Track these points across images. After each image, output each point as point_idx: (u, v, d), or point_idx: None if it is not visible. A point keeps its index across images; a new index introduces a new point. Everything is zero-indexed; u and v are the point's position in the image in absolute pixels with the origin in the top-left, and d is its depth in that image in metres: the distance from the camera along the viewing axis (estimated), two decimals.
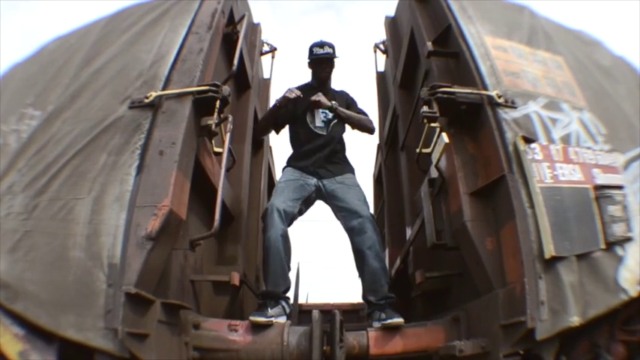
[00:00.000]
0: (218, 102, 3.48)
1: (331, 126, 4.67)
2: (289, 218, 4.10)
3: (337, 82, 4.71)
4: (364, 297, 4.02)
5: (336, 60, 4.81)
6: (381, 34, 7.23)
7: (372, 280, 3.97)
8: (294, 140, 4.79)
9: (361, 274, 4.08)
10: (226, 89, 3.53)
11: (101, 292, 2.69)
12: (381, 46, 7.15)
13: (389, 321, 3.55)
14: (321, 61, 4.75)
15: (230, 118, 3.67)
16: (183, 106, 3.38)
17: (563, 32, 4.76)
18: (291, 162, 4.64)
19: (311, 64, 4.83)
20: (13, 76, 4.18)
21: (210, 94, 3.45)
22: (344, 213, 4.28)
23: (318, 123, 4.66)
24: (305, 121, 4.66)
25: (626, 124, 3.90)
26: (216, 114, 3.48)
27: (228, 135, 3.67)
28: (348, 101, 4.92)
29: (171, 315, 3.12)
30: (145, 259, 2.79)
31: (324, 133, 4.63)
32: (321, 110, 4.67)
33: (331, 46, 4.77)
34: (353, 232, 4.15)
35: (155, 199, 2.95)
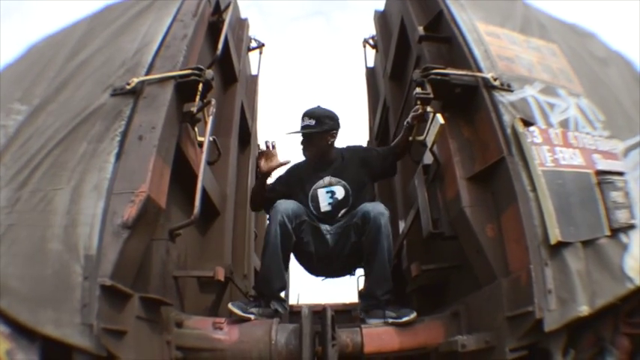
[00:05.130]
0: (200, 85, 3.32)
1: (341, 205, 3.98)
2: (296, 217, 3.66)
3: (326, 85, 4.27)
4: (369, 290, 3.63)
5: (325, 131, 3.98)
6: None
7: (382, 273, 3.59)
8: None
9: (370, 266, 3.69)
10: (209, 73, 3.36)
11: (78, 286, 2.48)
12: (371, 41, 7.07)
13: (405, 319, 3.27)
14: (302, 137, 4.02)
15: (213, 102, 3.50)
16: (164, 90, 3.23)
17: (556, 23, 4.65)
18: None
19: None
20: (3, 76, 4.04)
21: (193, 77, 3.30)
22: (354, 216, 3.75)
23: (324, 207, 3.98)
24: (308, 205, 3.97)
25: (623, 113, 3.75)
26: (198, 98, 3.33)
27: (210, 118, 3.50)
28: (364, 156, 4.18)
29: (151, 311, 2.89)
30: (121, 249, 2.59)
31: (336, 217, 3.96)
32: (327, 188, 4.00)
33: (313, 116, 3.96)
34: (364, 224, 3.63)
35: (132, 186, 2.76)
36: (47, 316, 2.44)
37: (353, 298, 8.75)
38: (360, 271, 9.24)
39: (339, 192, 4.00)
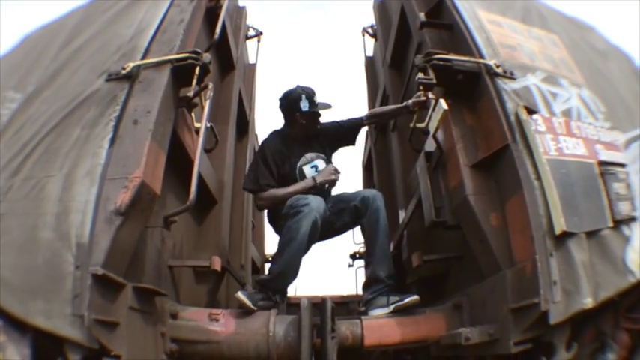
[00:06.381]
0: (198, 69, 3.20)
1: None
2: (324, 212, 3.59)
3: (324, 76, 4.23)
4: (373, 273, 3.59)
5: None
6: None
7: (384, 253, 3.61)
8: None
9: (371, 249, 3.70)
10: (207, 56, 3.25)
11: (69, 275, 2.39)
12: (370, 31, 7.01)
13: (407, 300, 3.21)
14: (318, 115, 4.07)
15: (210, 86, 3.36)
16: (160, 74, 3.13)
17: (556, 15, 4.55)
18: None
19: (304, 116, 4.01)
20: None
21: (190, 61, 3.18)
22: (351, 200, 3.81)
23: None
24: (296, 180, 3.97)
25: (623, 104, 3.67)
26: (195, 82, 3.21)
27: (207, 103, 3.35)
28: (334, 127, 4.29)
29: (145, 302, 2.77)
30: (114, 237, 2.48)
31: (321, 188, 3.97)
32: (310, 165, 4.05)
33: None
34: (364, 207, 3.72)
35: (126, 171, 2.64)
36: (38, 307, 2.34)
37: (350, 290, 8.69)
38: (358, 263, 9.12)
39: (320, 164, 4.09)
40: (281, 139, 4.06)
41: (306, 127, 4.06)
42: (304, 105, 3.97)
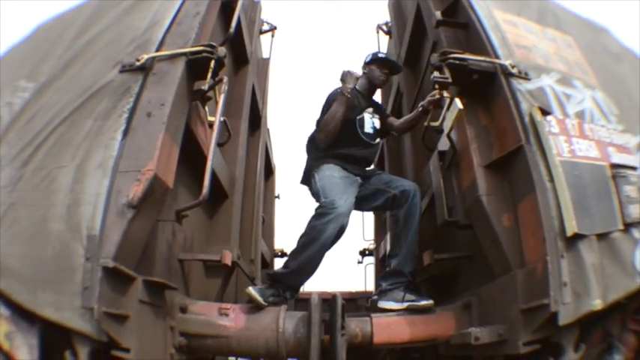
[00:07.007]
0: (212, 62, 3.16)
1: (377, 134, 4.23)
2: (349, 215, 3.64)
3: (337, 73, 4.24)
4: (398, 267, 3.62)
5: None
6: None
7: (413, 249, 3.66)
8: (337, 139, 4.03)
9: (400, 243, 3.72)
10: (222, 50, 3.20)
11: (79, 267, 2.36)
12: (384, 28, 6.94)
13: (423, 302, 3.21)
14: (388, 67, 4.24)
15: (225, 79, 3.31)
16: (175, 67, 3.08)
17: (571, 17, 4.49)
18: (333, 159, 3.98)
19: (377, 64, 4.21)
20: (10, 55, 3.90)
21: (205, 54, 3.14)
22: (391, 187, 3.86)
23: (367, 129, 4.12)
24: (354, 125, 4.06)
25: (636, 107, 3.60)
26: (209, 75, 3.16)
27: (222, 97, 3.31)
28: (383, 111, 4.48)
29: (155, 295, 2.74)
30: (125, 230, 2.45)
31: (372, 142, 4.14)
32: (371, 117, 4.19)
33: None
34: (403, 198, 3.76)
35: (139, 163, 2.61)
36: (47, 298, 2.33)
37: (358, 287, 8.63)
38: (367, 260, 9.04)
39: (377, 122, 4.23)
40: (355, 92, 4.10)
41: (370, 80, 4.25)
42: (368, 57, 4.27)
